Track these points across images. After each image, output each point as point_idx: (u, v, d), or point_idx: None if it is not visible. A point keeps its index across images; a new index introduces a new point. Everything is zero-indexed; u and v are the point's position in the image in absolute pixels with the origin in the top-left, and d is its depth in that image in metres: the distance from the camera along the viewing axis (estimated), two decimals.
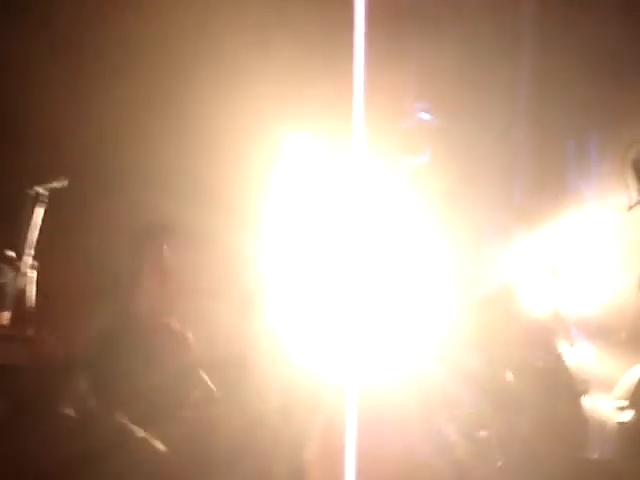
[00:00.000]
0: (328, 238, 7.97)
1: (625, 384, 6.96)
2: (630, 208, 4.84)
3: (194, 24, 7.94)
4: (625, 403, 6.84)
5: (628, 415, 6.77)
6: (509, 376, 6.76)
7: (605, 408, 7.27)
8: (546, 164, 9.91)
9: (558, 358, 7.42)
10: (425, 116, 9.90)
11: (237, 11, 7.88)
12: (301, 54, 8.28)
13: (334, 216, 8.13)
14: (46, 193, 6.86)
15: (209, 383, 4.59)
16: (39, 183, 6.91)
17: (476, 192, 9.26)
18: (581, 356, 7.50)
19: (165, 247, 5.39)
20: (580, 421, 7.09)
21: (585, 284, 9.23)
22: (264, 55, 8.01)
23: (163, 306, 5.07)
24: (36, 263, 6.78)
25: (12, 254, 7.03)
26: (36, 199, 6.84)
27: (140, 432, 2.70)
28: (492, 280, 7.96)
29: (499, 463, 6.21)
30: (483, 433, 6.30)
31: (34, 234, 6.78)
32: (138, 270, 5.47)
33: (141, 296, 5.17)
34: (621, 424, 6.89)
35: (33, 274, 6.75)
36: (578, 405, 7.12)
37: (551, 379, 7.03)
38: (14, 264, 6.93)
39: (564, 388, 7.08)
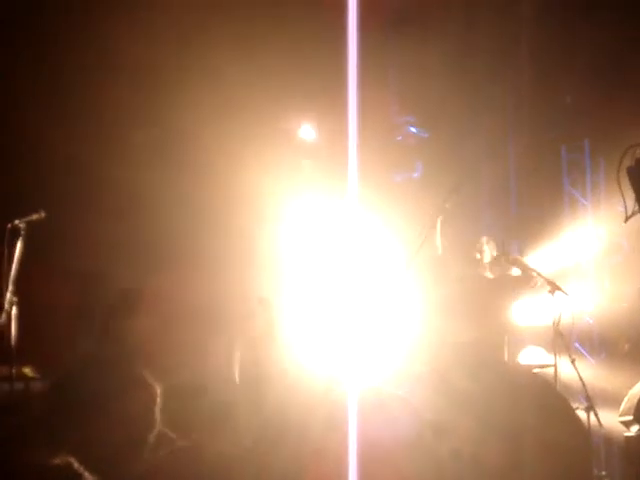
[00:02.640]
0: (325, 256, 7.87)
1: (631, 398, 6.75)
2: (627, 219, 4.64)
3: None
4: (631, 418, 6.62)
5: (634, 430, 6.55)
6: (504, 399, 6.56)
7: (611, 423, 7.09)
8: (541, 173, 9.78)
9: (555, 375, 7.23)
10: (415, 130, 9.77)
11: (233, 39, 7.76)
12: (295, 68, 8.18)
13: (331, 234, 8.03)
14: (23, 226, 6.62)
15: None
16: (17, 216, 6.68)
17: (471, 204, 9.12)
18: (584, 371, 7.30)
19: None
20: (582, 440, 6.88)
21: (584, 296, 9.07)
22: (262, 78, 7.91)
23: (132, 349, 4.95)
24: (16, 299, 6.57)
25: None
26: (14, 233, 6.61)
27: None
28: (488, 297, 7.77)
29: None
30: (481, 457, 6.14)
31: (14, 269, 6.57)
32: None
33: (111, 341, 5.05)
34: (628, 439, 6.68)
35: (13, 310, 6.54)
36: (579, 424, 6.92)
37: (551, 398, 6.82)
38: None
39: (564, 407, 6.87)
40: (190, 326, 7.09)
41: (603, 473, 7.66)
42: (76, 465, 2.60)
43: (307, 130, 8.89)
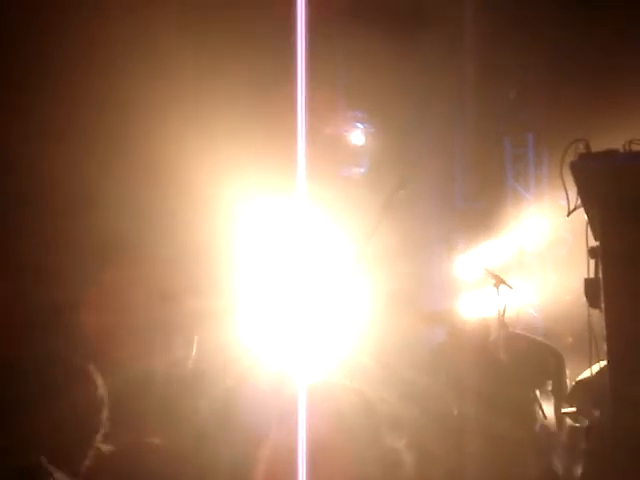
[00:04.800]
0: (274, 251, 7.89)
1: (573, 390, 6.87)
2: (570, 213, 4.71)
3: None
4: (573, 409, 6.74)
5: (575, 421, 6.68)
6: (453, 395, 6.64)
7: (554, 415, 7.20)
8: (485, 168, 9.88)
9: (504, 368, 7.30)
10: (361, 125, 9.81)
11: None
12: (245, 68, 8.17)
13: (280, 229, 8.04)
14: None
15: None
16: None
17: (416, 199, 9.18)
18: None
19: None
20: (529, 432, 6.99)
21: (529, 289, 9.20)
22: (208, 75, 7.89)
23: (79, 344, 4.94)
24: None
25: None
26: None
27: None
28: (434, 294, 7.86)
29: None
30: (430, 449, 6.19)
31: None
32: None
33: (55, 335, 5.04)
34: (571, 429, 6.81)
35: None
36: (526, 416, 7.01)
37: (497, 393, 6.90)
38: None
39: (510, 400, 6.95)
40: (141, 322, 7.09)
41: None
42: (45, 464, 2.60)
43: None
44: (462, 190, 10.13)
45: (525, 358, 7.22)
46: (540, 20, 8.83)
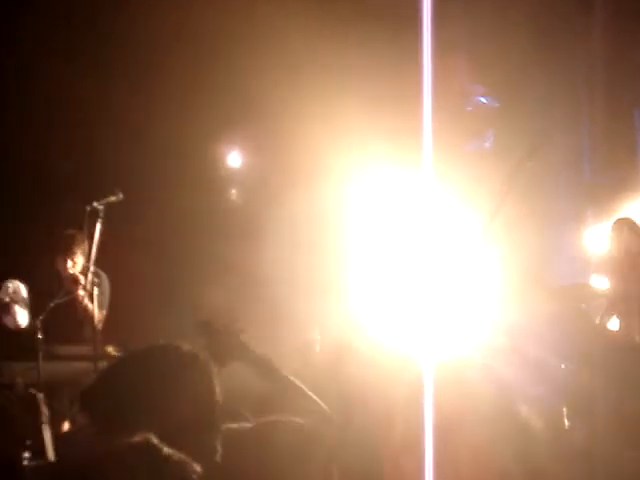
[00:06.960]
0: (399, 228, 7.88)
1: None
2: None
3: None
4: None
5: None
6: (583, 372, 6.49)
7: None
8: (614, 139, 9.62)
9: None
10: (485, 100, 9.68)
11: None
12: (369, 44, 8.17)
13: (404, 205, 8.03)
14: (102, 208, 6.71)
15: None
16: (96, 199, 6.77)
17: (545, 173, 9.03)
18: None
19: None
20: None
21: None
22: (337, 50, 7.95)
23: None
24: (97, 280, 6.71)
25: (74, 272, 7.01)
26: (93, 215, 6.71)
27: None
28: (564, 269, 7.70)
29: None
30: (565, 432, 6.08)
31: (94, 250, 6.69)
32: None
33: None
34: None
35: (95, 291, 6.68)
36: None
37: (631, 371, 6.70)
38: (77, 282, 6.91)
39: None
40: (262, 298, 7.16)
41: None
42: (155, 441, 2.60)
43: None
44: (591, 163, 9.91)
45: None
46: None
